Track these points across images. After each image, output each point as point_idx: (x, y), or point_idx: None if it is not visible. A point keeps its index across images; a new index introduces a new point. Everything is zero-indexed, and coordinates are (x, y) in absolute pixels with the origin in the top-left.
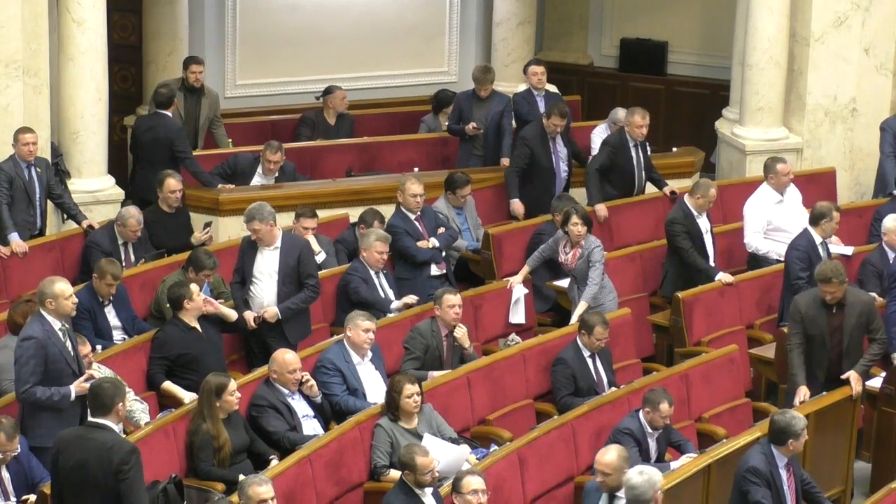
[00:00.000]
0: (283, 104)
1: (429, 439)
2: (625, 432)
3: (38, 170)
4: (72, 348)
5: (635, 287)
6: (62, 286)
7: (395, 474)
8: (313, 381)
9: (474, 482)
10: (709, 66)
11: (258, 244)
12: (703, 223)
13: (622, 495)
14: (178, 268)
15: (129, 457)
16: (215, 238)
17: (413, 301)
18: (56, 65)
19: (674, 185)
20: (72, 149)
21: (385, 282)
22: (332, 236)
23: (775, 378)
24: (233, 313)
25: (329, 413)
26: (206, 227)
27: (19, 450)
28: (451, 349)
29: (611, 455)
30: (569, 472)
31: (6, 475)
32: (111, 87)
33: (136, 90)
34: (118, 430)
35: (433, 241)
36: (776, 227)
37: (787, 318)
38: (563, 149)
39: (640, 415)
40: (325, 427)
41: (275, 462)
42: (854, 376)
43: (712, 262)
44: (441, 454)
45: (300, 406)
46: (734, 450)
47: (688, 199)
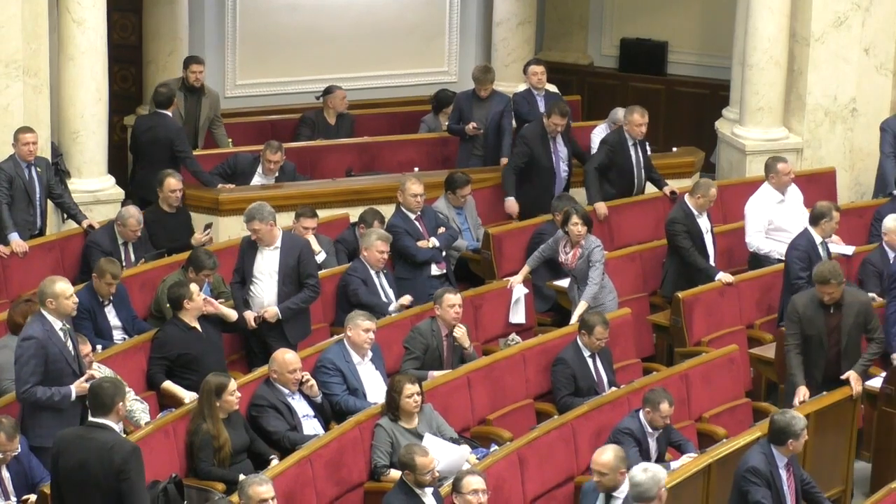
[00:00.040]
0: (283, 104)
1: (429, 439)
2: (625, 432)
3: (39, 169)
4: (72, 348)
5: (635, 287)
6: (63, 286)
7: (395, 474)
8: (313, 381)
9: (474, 482)
10: (709, 66)
11: (258, 244)
12: (704, 223)
13: (619, 495)
14: (178, 268)
15: (131, 457)
16: (215, 238)
17: (408, 302)
18: (56, 65)
19: (674, 185)
20: (72, 148)
21: (385, 282)
22: (332, 236)
23: (775, 378)
24: (233, 313)
25: (329, 413)
26: (207, 228)
27: (19, 450)
28: (451, 349)
29: (607, 455)
30: (569, 472)
31: (6, 475)
32: (111, 87)
33: (136, 90)
34: (118, 430)
35: (433, 241)
36: (777, 226)
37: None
38: (563, 149)
39: (641, 415)
40: (326, 427)
41: (275, 462)
42: (854, 376)
43: (712, 262)
44: (441, 454)
45: (300, 406)
46: (734, 450)
47: (688, 198)
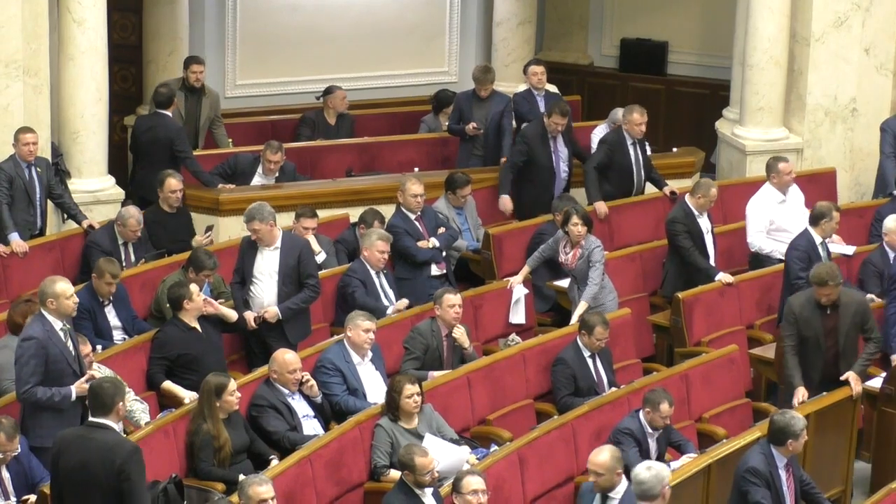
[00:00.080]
0: (283, 104)
1: (430, 439)
2: (625, 432)
3: (39, 170)
4: (73, 348)
5: (635, 287)
6: (63, 286)
7: (395, 474)
8: (313, 381)
9: (474, 482)
10: (709, 66)
11: (258, 244)
12: (704, 223)
13: (615, 496)
14: (178, 268)
15: (132, 457)
16: (215, 238)
17: (403, 306)
18: (56, 65)
19: (674, 185)
20: (72, 149)
21: (385, 282)
22: (332, 236)
23: (775, 378)
24: (233, 314)
25: (329, 413)
26: (208, 230)
27: (19, 450)
28: (451, 349)
29: (603, 455)
30: (569, 472)
31: (6, 475)
32: (111, 87)
33: (136, 90)
34: (119, 430)
35: (433, 241)
36: (778, 227)
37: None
38: (563, 149)
39: (641, 415)
40: (325, 427)
41: (275, 462)
42: (853, 377)
43: (713, 263)
44: (441, 454)
45: (300, 406)
46: (734, 450)
47: (689, 198)
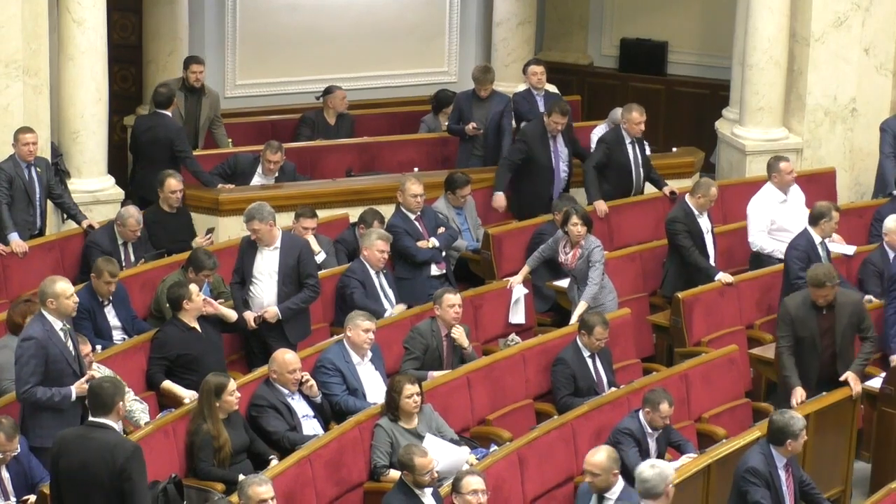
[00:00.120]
0: (283, 104)
1: (430, 440)
2: (625, 432)
3: (38, 170)
4: (73, 348)
5: (635, 287)
6: (63, 286)
7: (394, 474)
8: (313, 381)
9: (474, 482)
10: (709, 66)
11: (258, 244)
12: (705, 223)
13: (611, 496)
14: (178, 268)
15: (133, 456)
16: (215, 239)
17: (399, 311)
18: (56, 65)
19: (674, 185)
20: (72, 149)
21: (385, 282)
22: (332, 236)
23: (775, 378)
24: (233, 314)
25: (329, 413)
26: (209, 233)
27: (19, 450)
28: (450, 349)
29: (600, 456)
30: (569, 472)
31: (6, 475)
32: (111, 87)
33: (136, 90)
34: (119, 430)
35: (433, 241)
36: (780, 226)
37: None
38: (563, 148)
39: (640, 415)
40: (325, 427)
41: (275, 462)
42: (852, 377)
43: (713, 262)
44: (441, 455)
45: (300, 406)
46: (734, 450)
47: (689, 198)
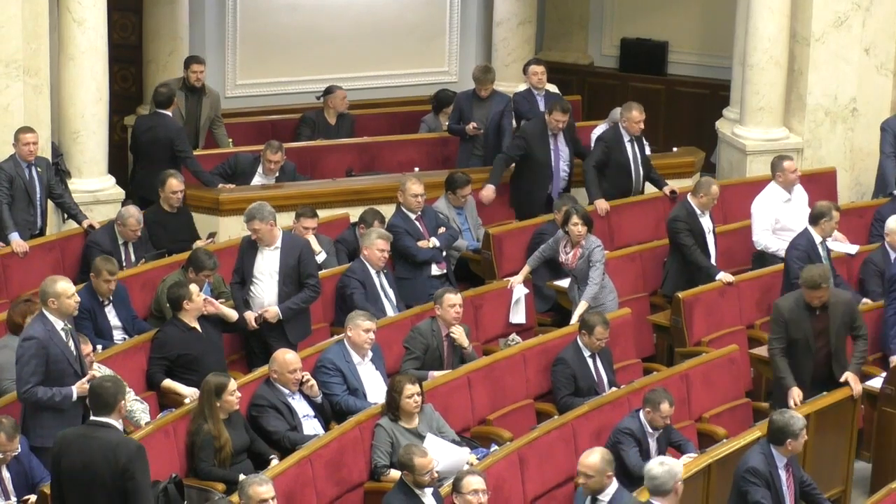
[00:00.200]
0: (283, 104)
1: (430, 439)
2: (625, 432)
3: (39, 169)
4: (74, 348)
5: (635, 287)
6: (64, 285)
7: (395, 474)
8: (314, 381)
9: (474, 482)
10: (709, 66)
11: (258, 244)
12: (706, 223)
13: (604, 498)
14: (178, 268)
15: (136, 456)
16: (216, 239)
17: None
18: (56, 64)
19: (674, 185)
20: (72, 148)
21: (385, 281)
22: (332, 236)
23: None
24: (233, 313)
25: (329, 413)
26: (210, 237)
27: (19, 450)
28: (451, 349)
29: (594, 457)
30: (569, 472)
31: (6, 475)
32: (111, 87)
33: (136, 90)
34: (120, 429)
35: (433, 241)
36: (783, 226)
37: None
38: (564, 148)
39: (641, 415)
40: (326, 427)
41: (275, 462)
42: (852, 377)
43: (713, 262)
44: (442, 454)
45: (300, 406)
46: (734, 450)
47: (691, 198)
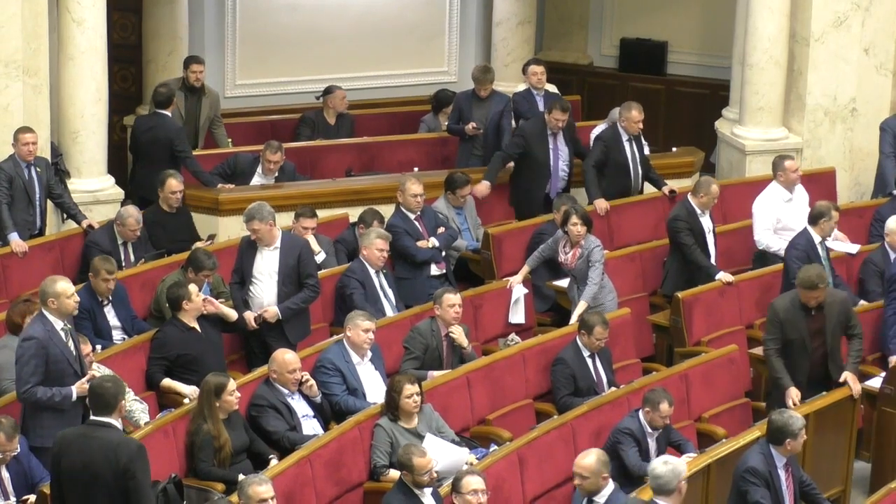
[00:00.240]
0: (283, 104)
1: (430, 439)
2: (625, 432)
3: (38, 169)
4: (74, 348)
5: (635, 287)
6: (64, 285)
7: (394, 474)
8: (313, 381)
9: (474, 482)
10: (709, 66)
11: (258, 244)
12: (706, 222)
13: (599, 500)
14: (178, 268)
15: (137, 455)
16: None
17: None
18: (56, 64)
19: (674, 185)
20: (72, 148)
21: (385, 281)
22: (332, 236)
23: None
24: (233, 313)
25: (329, 413)
26: (209, 239)
27: (19, 450)
28: (450, 349)
29: (589, 459)
30: (568, 473)
31: (6, 475)
32: (111, 87)
33: (136, 90)
34: (120, 428)
35: (433, 241)
36: (784, 225)
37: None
38: (564, 147)
39: (640, 415)
40: (325, 427)
41: (274, 462)
42: (850, 377)
43: (713, 262)
44: (441, 454)
45: (300, 406)
46: (734, 450)
47: (691, 198)
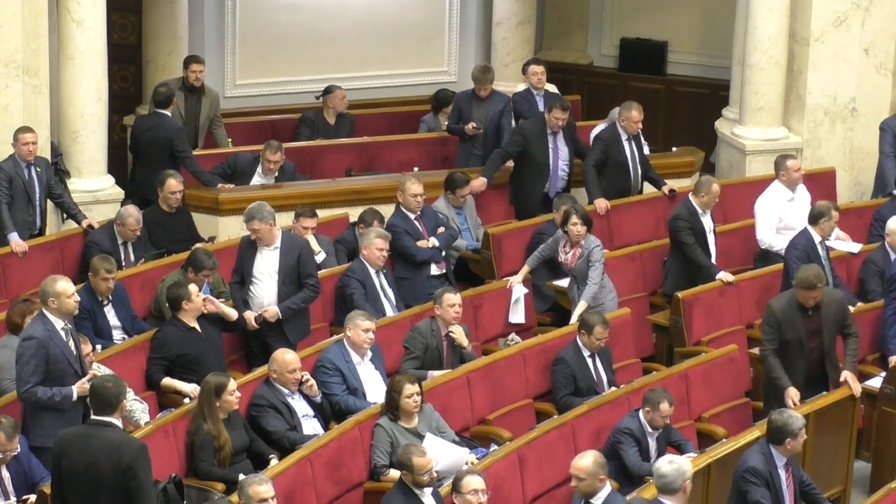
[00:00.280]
0: (283, 104)
1: (430, 439)
2: (625, 432)
3: (38, 169)
4: (74, 348)
5: (635, 287)
6: (64, 285)
7: (394, 474)
8: (313, 381)
9: (474, 482)
10: (709, 66)
11: (258, 244)
12: (707, 222)
13: (595, 502)
14: (178, 268)
15: (140, 455)
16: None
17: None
18: (56, 64)
19: (674, 185)
20: (71, 148)
21: (385, 281)
22: (332, 236)
23: None
24: (234, 312)
25: (329, 413)
26: (209, 241)
27: (19, 449)
28: (450, 349)
29: (586, 460)
30: (568, 472)
31: (6, 475)
32: (111, 87)
33: (136, 90)
34: (122, 428)
35: (433, 241)
36: (786, 225)
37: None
38: (564, 147)
39: (640, 414)
40: (325, 427)
41: (274, 462)
42: (850, 376)
43: (713, 262)
44: (441, 454)
45: (300, 406)
46: (734, 450)
47: (693, 197)
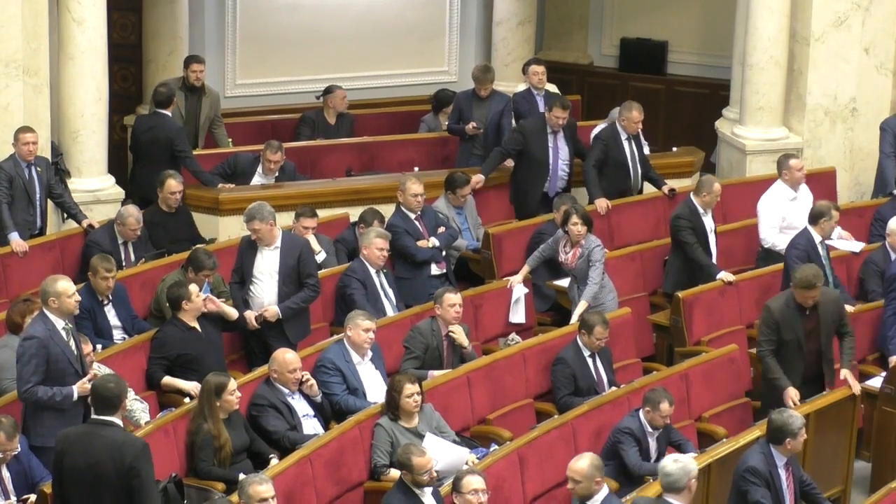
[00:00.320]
0: (283, 104)
1: (430, 439)
2: (625, 432)
3: (39, 169)
4: (75, 348)
5: (635, 287)
6: (65, 284)
7: (395, 474)
8: (313, 381)
9: (474, 482)
10: (709, 65)
11: (258, 244)
12: (708, 222)
13: None
14: (178, 267)
15: (142, 453)
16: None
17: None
18: (56, 64)
19: (674, 184)
20: (72, 148)
21: (385, 281)
22: (332, 236)
23: None
24: (234, 312)
25: (329, 412)
26: (209, 242)
27: (19, 449)
28: (451, 348)
29: (582, 462)
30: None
31: (6, 474)
32: (111, 87)
33: (136, 90)
34: (123, 427)
35: (433, 241)
36: (789, 224)
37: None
38: (564, 146)
39: (641, 414)
40: (325, 427)
41: (275, 461)
42: (849, 374)
43: (714, 262)
44: (441, 454)
45: (300, 405)
46: (734, 449)
47: (694, 197)
